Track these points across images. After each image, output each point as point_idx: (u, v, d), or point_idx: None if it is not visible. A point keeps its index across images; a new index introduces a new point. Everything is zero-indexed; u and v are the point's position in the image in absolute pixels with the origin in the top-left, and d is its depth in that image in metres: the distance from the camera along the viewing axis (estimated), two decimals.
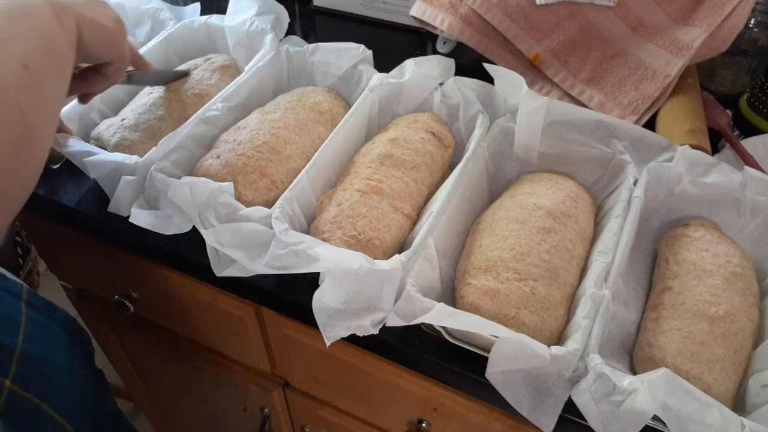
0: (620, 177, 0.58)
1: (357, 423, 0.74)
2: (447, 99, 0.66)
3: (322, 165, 0.59)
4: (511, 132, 0.61)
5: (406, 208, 0.56)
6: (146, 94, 0.68)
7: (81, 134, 0.66)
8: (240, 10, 0.74)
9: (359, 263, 0.46)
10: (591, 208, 0.57)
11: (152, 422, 1.23)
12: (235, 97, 0.66)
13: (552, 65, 0.70)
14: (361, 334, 0.48)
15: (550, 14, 0.70)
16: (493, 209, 0.57)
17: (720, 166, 0.56)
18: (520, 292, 0.48)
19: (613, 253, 0.51)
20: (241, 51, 0.74)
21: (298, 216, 0.56)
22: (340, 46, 0.70)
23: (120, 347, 0.98)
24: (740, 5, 0.67)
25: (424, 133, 0.61)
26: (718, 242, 0.53)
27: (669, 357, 0.46)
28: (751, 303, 0.50)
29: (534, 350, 0.43)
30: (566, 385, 0.46)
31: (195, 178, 0.54)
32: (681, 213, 0.59)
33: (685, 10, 0.71)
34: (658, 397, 0.40)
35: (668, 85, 0.65)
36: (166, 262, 0.63)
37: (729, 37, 0.67)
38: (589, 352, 0.44)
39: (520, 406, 0.46)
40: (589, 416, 0.44)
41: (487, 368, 0.45)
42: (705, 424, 0.40)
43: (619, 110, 0.66)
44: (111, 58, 0.51)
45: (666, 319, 0.49)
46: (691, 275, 0.51)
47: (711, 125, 0.67)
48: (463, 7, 0.71)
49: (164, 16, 0.79)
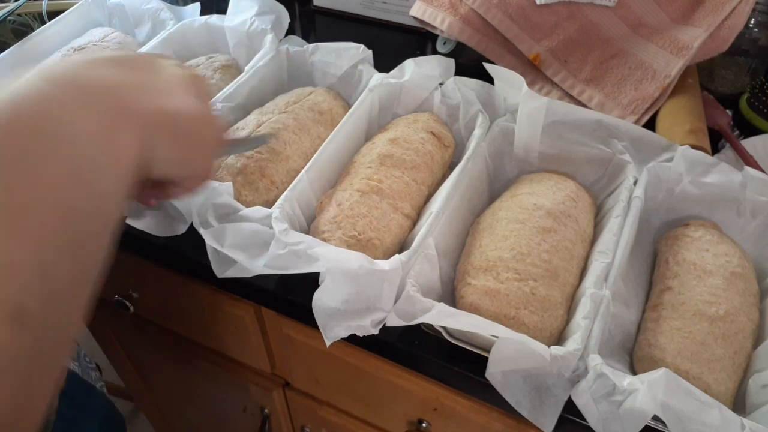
0: (620, 177, 0.58)
1: (357, 423, 0.74)
2: (447, 99, 0.66)
3: (321, 165, 0.59)
4: (511, 132, 0.61)
5: (406, 208, 0.56)
6: None
7: None
8: (240, 10, 0.74)
9: (359, 263, 0.46)
10: (591, 208, 0.57)
11: (152, 422, 1.23)
12: (234, 97, 0.66)
13: (552, 65, 0.70)
14: (361, 334, 0.48)
15: (550, 14, 0.70)
16: (493, 209, 0.57)
17: (720, 166, 0.56)
18: (520, 292, 0.48)
19: (613, 253, 0.51)
20: (242, 51, 0.74)
21: (298, 216, 0.56)
22: (340, 46, 0.70)
23: (120, 347, 0.98)
24: (740, 5, 0.67)
25: (424, 133, 0.61)
26: (718, 242, 0.53)
27: (669, 357, 0.46)
28: (751, 303, 0.50)
29: (534, 350, 0.43)
30: (566, 385, 0.46)
31: None
32: (681, 213, 0.59)
33: (685, 10, 0.71)
34: (658, 397, 0.40)
35: (668, 85, 0.65)
36: (166, 262, 0.63)
37: (729, 37, 0.67)
38: (589, 352, 0.44)
39: (520, 406, 0.46)
40: (589, 416, 0.44)
41: (487, 368, 0.45)
42: (705, 424, 0.40)
43: (619, 110, 0.66)
44: (193, 175, 0.36)
45: (666, 319, 0.49)
46: (691, 275, 0.51)
47: (711, 125, 0.67)
48: (463, 7, 0.71)
49: (164, 16, 0.79)
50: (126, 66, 0.29)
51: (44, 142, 0.23)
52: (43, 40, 0.77)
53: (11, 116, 0.23)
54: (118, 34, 0.79)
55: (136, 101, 0.28)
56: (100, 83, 0.27)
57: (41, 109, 0.24)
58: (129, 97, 0.28)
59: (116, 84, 0.28)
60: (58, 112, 0.24)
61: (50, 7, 0.84)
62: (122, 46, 0.77)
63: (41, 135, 0.24)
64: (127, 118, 0.27)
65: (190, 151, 0.32)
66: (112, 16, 0.84)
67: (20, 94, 0.24)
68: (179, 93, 0.31)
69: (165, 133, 0.30)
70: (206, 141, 0.34)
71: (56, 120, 0.24)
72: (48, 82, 0.25)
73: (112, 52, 0.30)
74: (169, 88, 0.30)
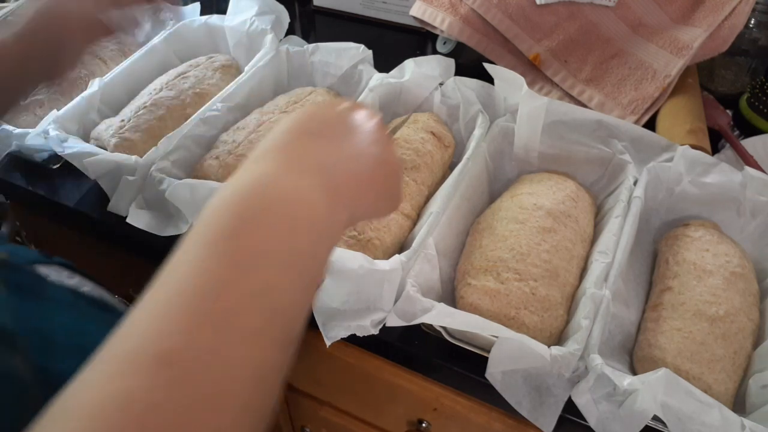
0: (620, 177, 0.58)
1: (357, 423, 0.74)
2: (447, 99, 0.66)
3: None
4: (511, 132, 0.61)
5: (406, 208, 0.56)
6: (146, 94, 0.68)
7: (81, 134, 0.66)
8: (240, 10, 0.74)
9: (359, 263, 0.46)
10: (591, 208, 0.57)
11: None
12: (234, 97, 0.66)
13: (552, 65, 0.70)
14: (361, 334, 0.48)
15: (550, 14, 0.70)
16: (493, 209, 0.57)
17: (720, 166, 0.56)
18: (520, 292, 0.48)
19: (613, 253, 0.51)
20: (241, 51, 0.74)
21: None
22: (340, 46, 0.70)
23: None
24: (740, 5, 0.67)
25: (424, 133, 0.61)
26: (718, 242, 0.53)
27: (669, 357, 0.46)
28: (751, 303, 0.50)
29: (534, 350, 0.43)
30: (566, 385, 0.46)
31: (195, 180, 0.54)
32: (681, 213, 0.59)
33: (685, 10, 0.71)
34: (658, 397, 0.40)
35: (668, 85, 0.65)
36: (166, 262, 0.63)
37: (729, 37, 0.67)
38: (589, 353, 0.44)
39: (520, 406, 0.46)
40: (589, 416, 0.44)
41: (487, 368, 0.45)
42: (705, 424, 0.40)
43: (619, 110, 0.66)
44: (386, 216, 0.39)
45: (666, 319, 0.49)
46: (691, 275, 0.51)
47: (711, 125, 0.67)
48: (463, 7, 0.71)
49: (164, 16, 0.79)
50: (325, 136, 0.30)
51: (288, 220, 0.25)
52: None
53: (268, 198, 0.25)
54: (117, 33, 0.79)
55: (343, 175, 0.29)
56: (315, 162, 0.29)
57: (280, 191, 0.26)
58: (339, 175, 0.29)
59: (327, 163, 0.29)
60: (293, 194, 0.26)
61: None
62: (121, 46, 0.77)
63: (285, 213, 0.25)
64: (340, 196, 0.28)
65: (384, 201, 0.35)
66: None
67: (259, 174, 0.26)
68: (371, 152, 0.32)
69: (366, 199, 0.32)
70: (396, 185, 0.35)
71: (295, 199, 0.26)
72: (273, 164, 0.27)
73: (308, 119, 0.32)
74: (361, 150, 0.32)
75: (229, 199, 0.25)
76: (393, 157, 0.35)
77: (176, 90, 0.68)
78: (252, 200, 0.25)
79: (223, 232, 0.24)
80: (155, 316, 0.22)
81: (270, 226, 0.24)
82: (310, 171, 0.28)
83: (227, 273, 0.23)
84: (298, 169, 0.27)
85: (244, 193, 0.26)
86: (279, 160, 0.28)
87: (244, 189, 0.26)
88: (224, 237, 0.24)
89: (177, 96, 0.67)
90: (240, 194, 0.26)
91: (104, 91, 0.68)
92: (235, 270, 0.23)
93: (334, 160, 0.29)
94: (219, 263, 0.23)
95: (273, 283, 0.24)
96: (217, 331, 0.21)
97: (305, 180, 0.27)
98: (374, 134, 0.33)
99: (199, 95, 0.68)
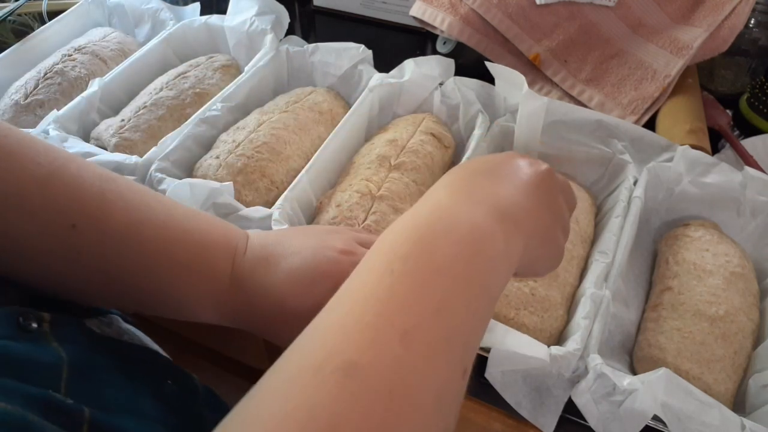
0: (620, 177, 0.58)
1: None
2: (447, 99, 0.66)
3: (321, 165, 0.59)
4: (511, 132, 0.61)
5: (405, 209, 0.56)
6: (146, 94, 0.68)
7: (81, 134, 0.66)
8: (240, 10, 0.74)
9: None
10: (591, 208, 0.57)
11: None
12: (234, 97, 0.66)
13: (552, 65, 0.70)
14: None
15: (550, 14, 0.70)
16: None
17: (720, 166, 0.56)
18: (519, 292, 0.48)
19: (613, 253, 0.51)
20: (241, 51, 0.74)
21: (298, 216, 0.56)
22: (340, 46, 0.70)
23: None
24: (740, 5, 0.67)
25: (423, 134, 0.61)
26: (718, 242, 0.53)
27: (669, 357, 0.46)
28: (751, 303, 0.50)
29: (534, 350, 0.43)
30: (566, 385, 0.46)
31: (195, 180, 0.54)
32: (681, 213, 0.59)
33: (685, 10, 0.71)
34: (658, 397, 0.40)
35: (668, 85, 0.65)
36: None
37: (729, 37, 0.66)
38: (589, 353, 0.44)
39: (520, 406, 0.46)
40: (589, 416, 0.44)
41: (487, 368, 0.45)
42: (705, 424, 0.40)
43: (619, 110, 0.66)
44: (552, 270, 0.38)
45: (666, 319, 0.49)
46: (691, 275, 0.51)
47: (711, 125, 0.67)
48: (463, 7, 0.71)
49: (164, 16, 0.79)
50: (498, 176, 0.32)
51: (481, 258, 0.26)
52: (43, 40, 0.77)
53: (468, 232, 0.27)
54: (117, 34, 0.79)
55: (518, 211, 0.30)
56: (487, 194, 0.30)
57: (455, 217, 0.27)
58: (516, 212, 0.30)
59: (507, 203, 0.30)
60: (468, 220, 0.27)
61: (50, 7, 0.84)
62: (122, 46, 0.77)
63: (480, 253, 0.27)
64: (518, 231, 0.29)
65: (554, 249, 0.34)
66: (111, 16, 0.84)
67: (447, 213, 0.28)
68: (536, 194, 0.32)
69: (537, 230, 0.31)
70: (559, 235, 0.34)
71: (470, 225, 0.27)
72: (447, 196, 0.29)
73: (478, 161, 0.33)
74: (527, 190, 0.32)
75: (409, 223, 0.27)
76: (561, 207, 0.34)
77: (176, 90, 0.68)
78: (429, 225, 0.27)
79: (402, 252, 0.25)
80: (338, 330, 0.23)
81: (447, 248, 0.26)
82: (485, 202, 0.29)
83: (406, 291, 0.24)
84: (473, 201, 0.29)
85: (421, 219, 0.27)
86: (452, 192, 0.29)
87: (421, 215, 0.28)
88: (403, 257, 0.25)
89: (177, 96, 0.67)
90: (417, 219, 0.27)
91: (104, 91, 0.68)
92: (413, 289, 0.24)
93: (511, 199, 0.30)
94: (398, 281, 0.24)
95: (450, 304, 0.24)
96: (402, 346, 0.22)
97: (480, 209, 0.28)
98: (550, 180, 0.33)
99: (199, 95, 0.68)
